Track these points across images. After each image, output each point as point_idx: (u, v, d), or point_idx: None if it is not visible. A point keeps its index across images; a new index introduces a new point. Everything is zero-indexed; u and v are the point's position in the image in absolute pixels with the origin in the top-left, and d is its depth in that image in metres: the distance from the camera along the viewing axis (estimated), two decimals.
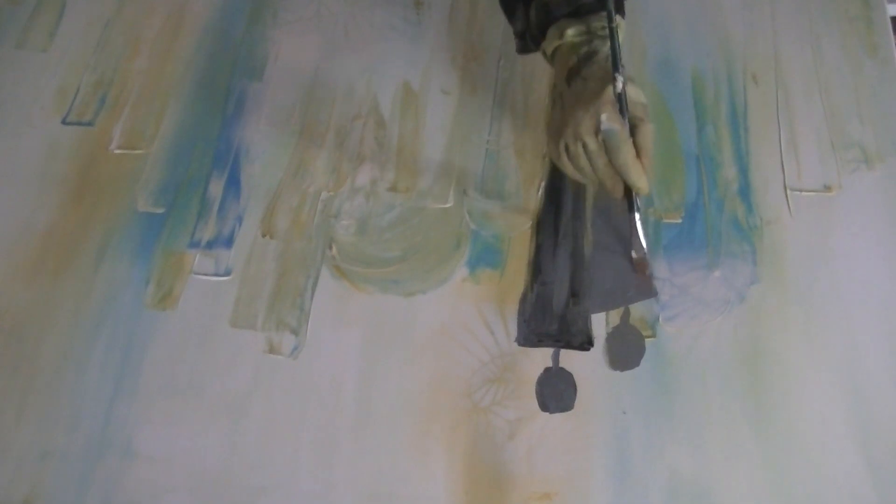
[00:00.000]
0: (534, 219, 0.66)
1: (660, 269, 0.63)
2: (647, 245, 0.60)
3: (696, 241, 0.65)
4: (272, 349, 0.61)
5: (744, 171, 0.68)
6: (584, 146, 0.55)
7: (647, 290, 0.62)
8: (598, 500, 0.55)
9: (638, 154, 0.54)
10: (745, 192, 0.67)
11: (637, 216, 0.58)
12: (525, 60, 0.74)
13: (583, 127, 0.54)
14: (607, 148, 0.54)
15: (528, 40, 0.63)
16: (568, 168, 0.58)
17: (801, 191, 0.67)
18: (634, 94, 0.55)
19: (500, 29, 0.77)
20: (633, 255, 0.61)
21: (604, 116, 0.53)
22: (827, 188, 0.67)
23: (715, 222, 0.65)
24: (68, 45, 0.78)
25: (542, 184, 0.68)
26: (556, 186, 0.67)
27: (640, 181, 0.54)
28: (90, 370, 0.61)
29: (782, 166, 0.68)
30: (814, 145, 0.69)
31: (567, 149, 0.56)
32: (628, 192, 0.56)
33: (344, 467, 0.57)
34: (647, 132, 0.54)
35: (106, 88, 0.75)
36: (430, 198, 0.68)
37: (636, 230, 0.58)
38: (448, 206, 0.67)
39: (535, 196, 0.67)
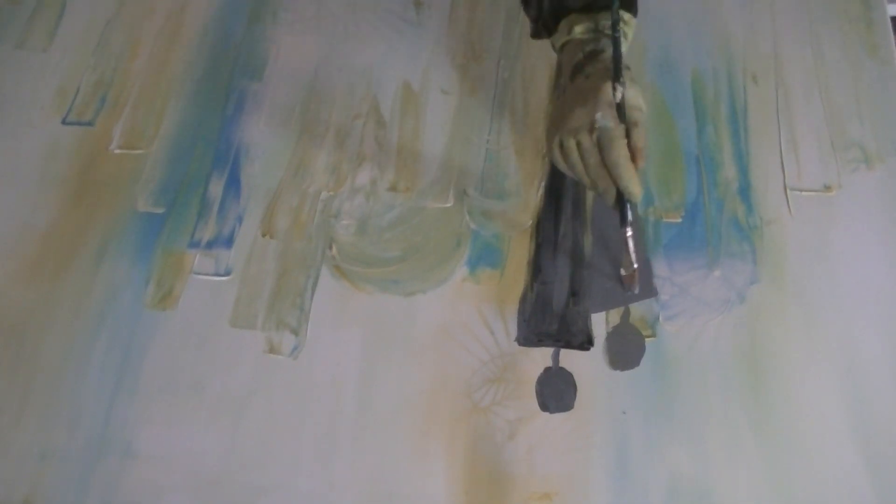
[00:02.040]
0: (534, 219, 0.66)
1: (660, 269, 0.63)
2: (637, 260, 0.57)
3: (696, 241, 0.65)
4: (272, 349, 0.61)
5: (744, 171, 0.68)
6: (578, 143, 0.54)
7: (647, 289, 0.62)
8: (598, 500, 0.55)
9: (633, 156, 0.53)
10: (745, 191, 0.67)
11: (629, 231, 0.55)
12: (525, 60, 0.74)
13: (579, 122, 0.54)
14: (600, 146, 0.53)
15: (541, 27, 0.62)
16: (561, 164, 0.57)
17: (801, 190, 0.67)
18: (633, 97, 0.54)
19: (500, 29, 0.77)
20: (623, 272, 0.59)
21: (599, 115, 0.53)
22: (827, 188, 0.67)
23: (715, 222, 0.65)
24: (68, 45, 0.78)
25: (542, 184, 0.68)
26: (556, 186, 0.67)
27: (632, 184, 0.52)
28: (90, 370, 0.61)
29: (782, 166, 0.68)
30: (814, 145, 0.69)
31: (562, 144, 0.55)
32: (621, 201, 0.54)
33: (344, 467, 0.57)
34: (642, 134, 0.53)
35: (106, 88, 0.75)
36: (430, 198, 0.68)
37: (627, 245, 0.56)
38: (448, 205, 0.67)
39: (535, 196, 0.67)
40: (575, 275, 0.63)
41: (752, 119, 0.71)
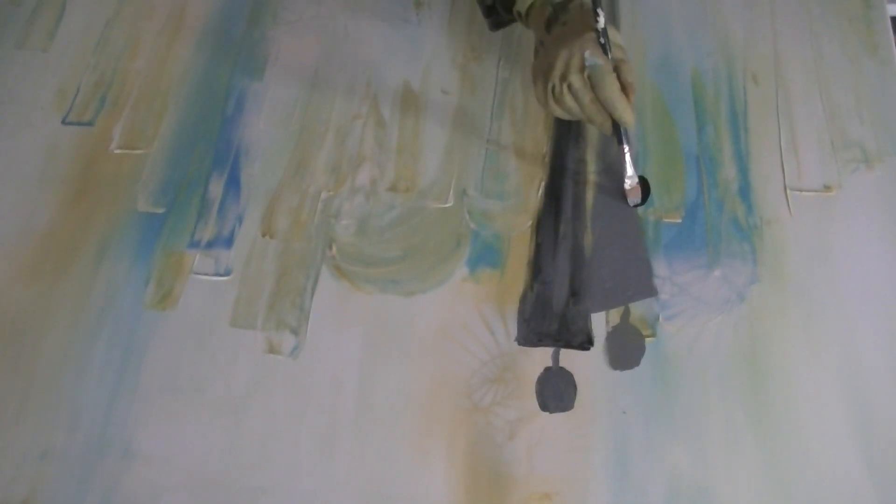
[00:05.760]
0: (534, 219, 0.66)
1: (660, 269, 0.63)
2: (635, 173, 0.63)
3: (696, 241, 0.64)
4: (272, 349, 0.61)
5: (744, 170, 0.68)
6: (570, 85, 0.57)
7: (647, 288, 0.62)
8: (598, 500, 0.55)
9: (624, 90, 0.57)
10: (745, 191, 0.67)
11: (626, 148, 0.61)
12: (525, 60, 0.74)
13: (568, 65, 0.57)
14: (592, 83, 0.57)
15: (500, 9, 0.65)
16: (556, 110, 0.60)
17: (801, 190, 0.67)
18: (614, 35, 0.58)
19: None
20: (626, 185, 0.64)
21: (587, 53, 0.56)
22: (827, 188, 0.67)
23: (715, 222, 0.65)
24: (68, 45, 0.78)
25: (542, 184, 0.68)
26: (556, 186, 0.67)
27: (626, 114, 0.57)
28: (90, 370, 0.61)
29: (782, 166, 0.68)
30: (814, 145, 0.69)
31: (553, 90, 0.59)
32: (616, 127, 0.59)
33: (344, 467, 0.57)
34: (630, 68, 0.57)
35: (106, 88, 0.75)
36: (430, 198, 0.68)
37: (626, 161, 0.62)
38: (448, 206, 0.67)
39: (535, 196, 0.67)
40: (575, 275, 0.63)
41: (752, 119, 0.71)
